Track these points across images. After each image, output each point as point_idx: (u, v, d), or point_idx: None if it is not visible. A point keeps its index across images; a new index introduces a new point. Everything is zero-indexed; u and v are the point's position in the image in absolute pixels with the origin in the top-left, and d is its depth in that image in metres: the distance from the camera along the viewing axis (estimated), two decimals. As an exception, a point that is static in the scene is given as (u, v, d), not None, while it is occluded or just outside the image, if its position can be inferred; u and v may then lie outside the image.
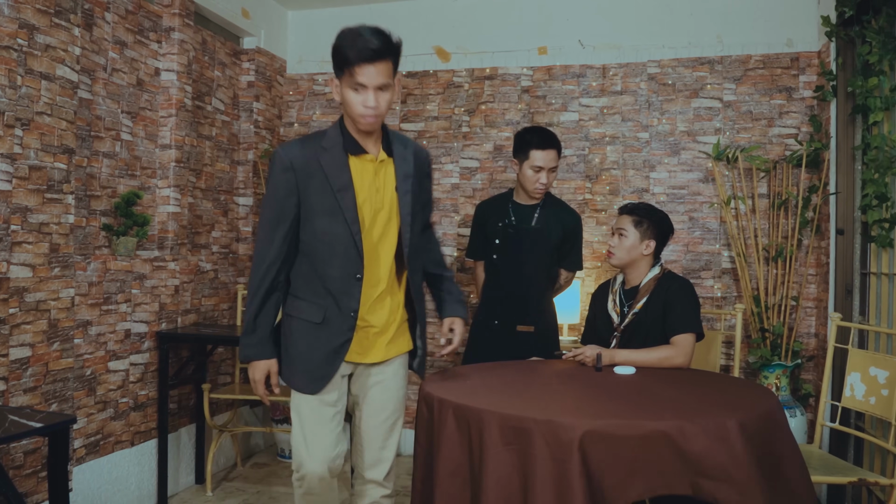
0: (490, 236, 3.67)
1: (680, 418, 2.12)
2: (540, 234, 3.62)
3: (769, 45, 4.65)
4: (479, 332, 3.71)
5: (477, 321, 3.75)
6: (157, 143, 4.26)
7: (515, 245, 3.60)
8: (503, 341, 3.59)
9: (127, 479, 3.94)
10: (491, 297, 3.70)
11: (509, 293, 3.62)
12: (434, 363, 4.91)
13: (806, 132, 4.57)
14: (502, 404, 2.26)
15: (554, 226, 3.64)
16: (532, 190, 3.58)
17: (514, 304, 3.62)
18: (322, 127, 5.38)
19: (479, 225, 3.80)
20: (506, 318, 3.63)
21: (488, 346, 3.60)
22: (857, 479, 3.00)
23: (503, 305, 3.64)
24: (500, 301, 3.65)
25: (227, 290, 4.86)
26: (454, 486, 2.22)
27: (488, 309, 3.69)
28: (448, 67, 5.22)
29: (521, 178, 3.58)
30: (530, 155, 3.51)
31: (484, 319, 3.69)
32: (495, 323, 3.64)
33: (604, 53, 4.94)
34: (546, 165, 3.52)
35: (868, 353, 3.31)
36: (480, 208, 3.85)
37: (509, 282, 3.62)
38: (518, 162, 3.57)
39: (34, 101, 3.25)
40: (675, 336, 3.06)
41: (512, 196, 3.73)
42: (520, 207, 3.66)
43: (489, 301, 3.70)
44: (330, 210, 2.51)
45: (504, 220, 3.65)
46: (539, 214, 3.63)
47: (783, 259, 4.50)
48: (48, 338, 3.37)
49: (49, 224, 3.35)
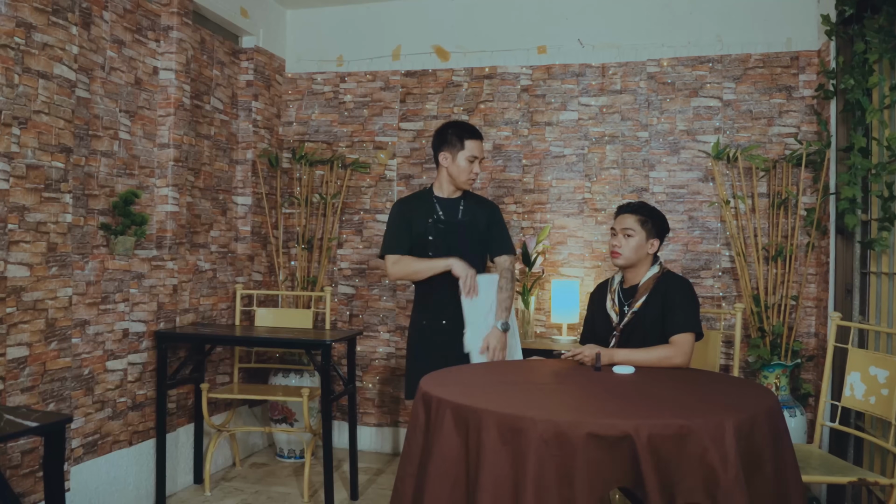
0: (420, 234, 3.53)
1: (679, 418, 2.11)
2: (469, 226, 3.55)
3: (769, 44, 4.65)
4: (428, 336, 3.54)
5: (420, 324, 3.57)
6: (156, 142, 4.25)
7: (448, 239, 3.51)
8: (456, 341, 3.46)
9: (125, 479, 3.93)
10: (435, 296, 3.52)
11: (453, 290, 3.45)
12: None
13: (806, 131, 4.56)
14: (501, 404, 2.25)
15: (479, 216, 3.59)
16: (465, 181, 3.51)
17: (458, 300, 3.46)
18: (321, 126, 5.38)
19: (404, 221, 3.55)
20: (454, 316, 3.48)
21: (442, 347, 3.47)
22: (856, 479, 2.99)
23: (450, 304, 3.48)
24: (446, 300, 3.49)
25: (226, 289, 4.85)
26: (445, 486, 2.21)
27: (434, 310, 3.53)
28: (447, 66, 5.21)
29: (454, 170, 3.50)
30: (466, 145, 3.46)
31: (430, 322, 3.54)
32: (443, 323, 3.51)
33: (603, 52, 4.93)
34: (479, 155, 3.50)
35: (868, 353, 3.30)
36: (403, 206, 3.61)
37: (453, 279, 3.45)
38: (450, 155, 3.49)
39: (32, 99, 3.25)
40: (674, 335, 3.05)
41: (432, 192, 3.61)
42: (444, 202, 3.57)
43: (434, 301, 3.53)
44: None
45: (432, 216, 3.54)
46: (464, 207, 3.58)
47: (783, 258, 4.49)
48: (46, 337, 3.36)
49: (47, 223, 3.35)
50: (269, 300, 5.28)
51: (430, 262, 3.47)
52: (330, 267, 5.39)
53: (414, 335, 3.63)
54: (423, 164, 5.23)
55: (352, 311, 5.36)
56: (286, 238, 5.41)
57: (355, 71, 5.38)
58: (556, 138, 4.99)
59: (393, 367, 5.28)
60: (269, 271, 5.34)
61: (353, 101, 5.39)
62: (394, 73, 5.30)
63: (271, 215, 5.30)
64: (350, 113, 5.40)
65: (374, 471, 4.83)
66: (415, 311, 3.65)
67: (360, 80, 5.38)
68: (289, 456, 5.02)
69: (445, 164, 3.53)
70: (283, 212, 5.40)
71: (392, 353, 5.28)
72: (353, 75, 5.39)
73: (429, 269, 3.47)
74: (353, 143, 5.38)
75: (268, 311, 4.90)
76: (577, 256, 4.94)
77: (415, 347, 3.60)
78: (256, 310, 4.89)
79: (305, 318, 4.83)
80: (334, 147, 5.41)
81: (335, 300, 5.36)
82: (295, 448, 5.01)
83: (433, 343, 3.51)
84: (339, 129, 5.42)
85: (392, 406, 5.28)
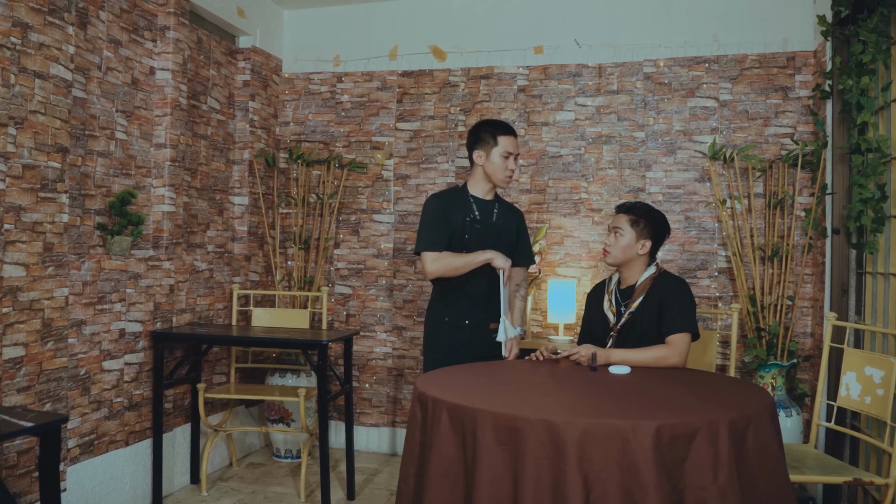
0: (456, 231, 3.47)
1: (675, 418, 2.11)
2: (503, 229, 3.52)
3: (765, 45, 4.65)
4: (448, 334, 3.52)
5: (441, 321, 3.53)
6: (152, 142, 4.24)
7: (483, 241, 3.46)
8: (476, 341, 3.47)
9: (121, 479, 3.92)
10: (461, 296, 3.50)
11: (479, 291, 3.47)
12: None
13: (802, 131, 4.57)
14: (496, 404, 2.25)
15: (511, 222, 3.58)
16: (502, 179, 3.48)
17: (484, 301, 3.48)
18: (318, 126, 5.38)
19: (443, 216, 3.47)
20: (477, 316, 3.49)
21: (463, 347, 3.45)
22: (852, 479, 2.99)
23: (474, 303, 3.49)
24: (470, 299, 3.49)
25: (223, 289, 4.85)
26: (444, 486, 2.21)
27: (456, 309, 3.50)
28: (444, 67, 5.21)
29: (489, 167, 3.46)
30: (499, 141, 3.43)
31: (452, 320, 3.50)
32: (466, 323, 3.48)
33: (600, 52, 4.93)
34: (514, 151, 3.47)
35: (864, 353, 3.31)
36: (441, 200, 3.53)
37: (478, 279, 3.45)
38: (484, 152, 3.45)
39: (28, 99, 3.24)
40: (670, 336, 3.05)
41: (468, 191, 3.56)
42: (480, 202, 3.53)
43: (457, 301, 3.50)
44: None
45: (470, 215, 3.49)
46: (498, 210, 3.55)
47: (779, 258, 4.49)
48: (42, 337, 3.35)
49: (43, 223, 3.34)
50: (265, 300, 5.28)
51: (469, 257, 3.39)
52: (327, 267, 5.39)
53: (434, 331, 3.56)
54: (419, 165, 5.24)
55: (348, 311, 5.36)
56: (283, 238, 5.41)
57: (352, 71, 5.38)
58: (553, 138, 5.00)
59: (390, 367, 5.28)
60: (266, 271, 5.34)
61: (350, 101, 5.39)
62: (391, 73, 5.30)
63: (268, 215, 5.30)
64: (347, 113, 5.40)
65: (371, 471, 4.83)
66: (436, 307, 3.57)
67: (356, 80, 5.38)
68: (285, 456, 5.02)
69: (480, 161, 3.49)
70: (280, 212, 5.40)
71: (389, 353, 5.28)
72: (350, 75, 5.38)
73: (469, 264, 3.39)
74: (350, 143, 5.38)
75: (264, 311, 4.90)
76: (573, 256, 4.94)
77: (436, 342, 3.54)
78: (253, 310, 4.89)
79: (302, 318, 4.83)
80: (331, 147, 5.41)
81: (332, 300, 5.36)
82: (292, 448, 5.01)
83: (454, 342, 3.48)
84: (335, 129, 5.42)
85: (389, 406, 5.28)
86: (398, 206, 5.28)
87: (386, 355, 5.29)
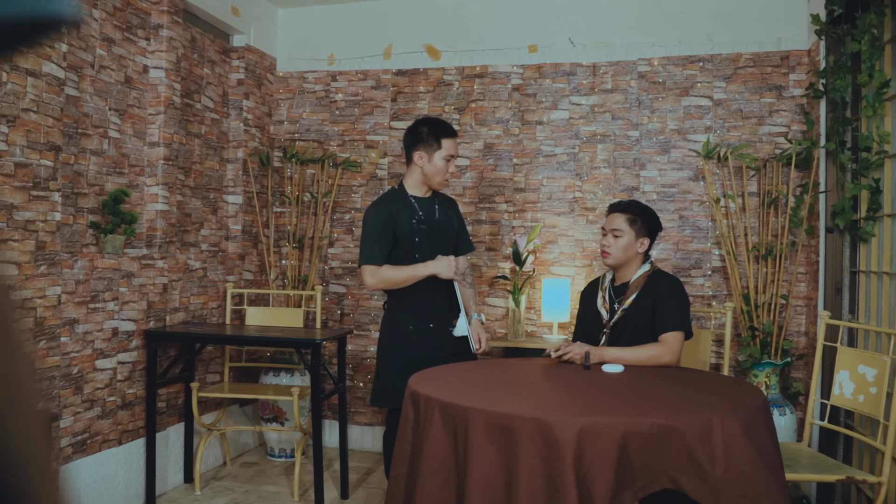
0: (406, 235, 3.39)
1: (668, 416, 2.11)
2: (445, 224, 3.50)
3: (759, 44, 4.66)
4: (416, 341, 3.40)
5: (406, 331, 3.42)
6: (146, 140, 4.24)
7: (432, 240, 3.42)
8: (446, 341, 3.41)
9: (114, 479, 3.92)
10: (417, 301, 3.42)
11: (436, 291, 3.41)
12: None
13: (796, 130, 4.57)
14: (488, 402, 2.25)
15: (451, 215, 3.55)
16: (441, 182, 3.43)
17: (444, 300, 3.44)
18: (312, 125, 5.37)
19: (388, 226, 3.37)
20: (440, 317, 3.44)
21: (435, 351, 3.36)
22: (845, 477, 3.00)
23: (435, 305, 3.43)
24: (429, 302, 3.42)
25: (216, 288, 4.84)
26: (435, 484, 2.21)
27: (421, 314, 3.42)
28: (438, 65, 5.21)
29: (429, 169, 3.39)
30: (443, 144, 3.36)
31: (416, 327, 3.41)
32: (431, 326, 3.41)
33: (594, 51, 4.93)
34: (456, 153, 3.43)
35: (857, 352, 3.31)
36: (382, 209, 3.42)
37: (432, 280, 3.37)
38: (426, 154, 3.38)
39: (20, 97, 3.23)
40: (663, 334, 3.05)
41: (406, 191, 3.48)
42: (421, 202, 3.47)
43: (417, 306, 3.42)
44: None
45: (415, 217, 3.41)
46: (438, 206, 3.50)
47: (773, 257, 4.50)
48: (34, 336, 3.34)
49: (35, 222, 3.33)
50: (259, 299, 5.27)
51: (411, 270, 3.32)
52: (321, 266, 5.38)
53: (394, 342, 3.45)
54: (414, 163, 5.23)
55: (342, 310, 5.35)
56: (277, 237, 5.40)
57: (346, 70, 5.37)
58: (547, 137, 5.00)
59: (384, 366, 5.27)
60: (260, 270, 5.34)
61: (345, 100, 5.39)
62: (385, 72, 5.30)
63: (262, 214, 5.29)
64: (341, 112, 5.39)
65: (365, 470, 4.83)
66: (394, 314, 3.48)
67: (351, 78, 5.37)
68: (279, 455, 5.01)
69: (420, 163, 3.40)
70: (274, 210, 5.40)
71: (383, 352, 5.27)
72: (345, 74, 5.38)
73: (411, 278, 3.33)
74: (345, 142, 5.38)
75: (258, 310, 4.90)
76: (567, 255, 4.94)
77: (395, 353, 3.43)
78: (247, 309, 4.88)
79: (296, 317, 4.82)
80: (325, 146, 5.40)
81: (326, 299, 5.36)
82: (285, 447, 5.00)
83: (421, 347, 3.38)
84: (330, 127, 5.41)
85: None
86: (392, 204, 5.28)
87: (380, 354, 5.28)
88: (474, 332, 3.42)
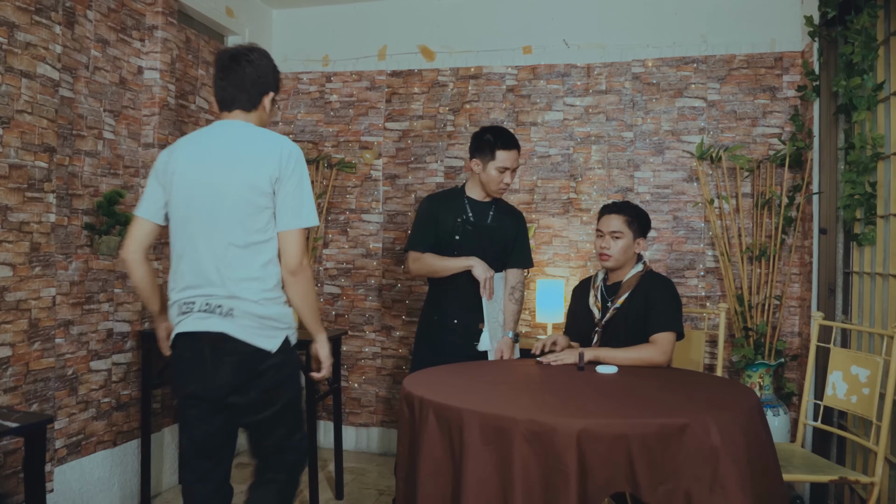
0: (447, 232, 3.54)
1: (662, 417, 2.12)
2: (496, 231, 3.55)
3: (753, 45, 4.67)
4: (438, 333, 3.56)
5: (431, 321, 3.60)
6: (140, 141, 4.23)
7: (474, 242, 3.51)
8: (466, 340, 3.50)
9: (109, 479, 3.91)
10: (449, 295, 3.55)
11: (468, 290, 3.48)
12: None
13: (789, 132, 4.59)
14: (483, 403, 2.26)
15: (507, 225, 3.59)
16: (496, 190, 3.52)
17: (474, 301, 3.49)
18: (307, 126, 5.37)
19: (431, 218, 3.57)
20: (467, 315, 3.52)
21: (453, 346, 3.48)
22: (838, 478, 3.01)
23: (463, 303, 3.52)
24: (459, 299, 3.52)
25: (211, 289, 4.83)
26: (436, 486, 2.21)
27: (446, 308, 3.56)
28: (433, 66, 5.21)
29: (485, 178, 3.50)
30: (496, 156, 3.44)
31: (441, 318, 3.56)
32: (455, 322, 3.52)
33: (588, 53, 4.94)
34: (511, 166, 3.48)
35: (850, 352, 3.33)
36: (433, 202, 3.63)
37: (468, 279, 3.46)
38: (482, 163, 3.49)
39: (14, 99, 3.23)
40: (654, 334, 3.07)
41: (464, 192, 3.62)
42: (475, 204, 3.58)
43: (447, 300, 3.56)
44: None
45: (462, 216, 3.54)
46: (493, 212, 3.58)
47: (766, 258, 4.51)
48: (29, 337, 3.34)
49: (30, 223, 3.33)
50: (254, 300, 5.25)
51: (450, 262, 3.46)
52: (315, 266, 5.38)
53: (423, 330, 3.65)
54: (408, 164, 5.23)
55: (337, 311, 5.35)
56: (272, 238, 5.39)
57: (341, 70, 5.37)
58: (542, 138, 5.00)
59: (379, 367, 5.27)
60: (255, 271, 5.32)
61: (339, 101, 5.39)
62: (379, 73, 5.30)
63: (257, 215, 5.28)
64: (336, 113, 5.39)
65: (360, 470, 4.83)
66: (427, 307, 3.67)
67: (345, 79, 5.37)
68: (274, 456, 5.00)
69: (477, 170, 3.53)
70: (269, 211, 5.38)
71: (378, 352, 5.28)
72: (339, 75, 5.38)
73: (448, 269, 3.46)
74: (339, 143, 5.38)
75: (253, 311, 4.88)
76: (562, 256, 4.95)
77: (422, 343, 3.62)
78: (242, 310, 4.87)
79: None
80: (320, 147, 5.40)
81: (321, 300, 5.36)
82: (280, 448, 4.99)
83: (442, 340, 3.52)
84: (324, 128, 5.41)
85: (377, 406, 5.28)
86: (387, 205, 5.28)
87: (375, 355, 5.29)
88: (498, 350, 3.47)
